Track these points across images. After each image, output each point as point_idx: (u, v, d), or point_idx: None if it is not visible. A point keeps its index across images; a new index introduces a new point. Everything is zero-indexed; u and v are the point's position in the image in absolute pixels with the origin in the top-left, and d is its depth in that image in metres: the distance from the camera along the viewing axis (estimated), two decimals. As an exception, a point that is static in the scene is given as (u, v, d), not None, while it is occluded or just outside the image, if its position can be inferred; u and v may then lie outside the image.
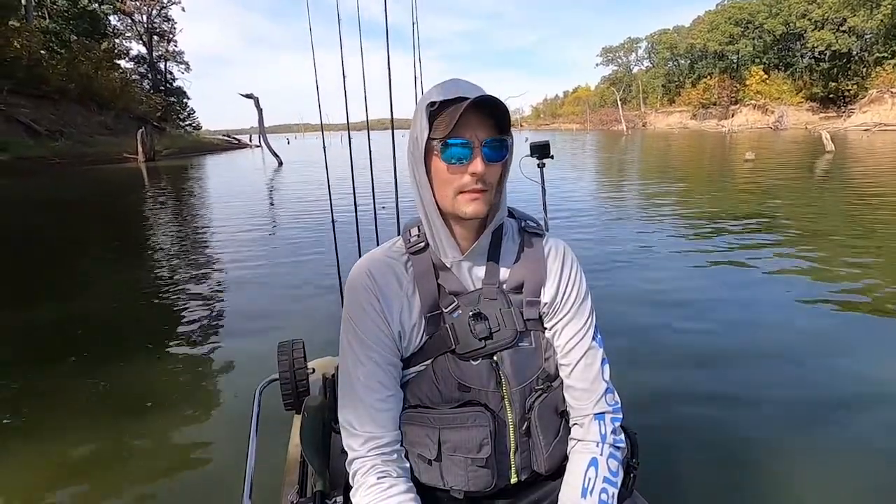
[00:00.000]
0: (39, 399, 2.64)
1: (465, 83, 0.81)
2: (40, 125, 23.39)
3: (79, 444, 2.24)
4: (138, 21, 46.62)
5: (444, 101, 0.79)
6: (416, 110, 0.84)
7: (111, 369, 2.92)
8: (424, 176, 0.82)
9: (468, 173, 0.79)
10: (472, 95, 0.76)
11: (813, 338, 3.11)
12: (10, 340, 3.47)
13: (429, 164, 0.82)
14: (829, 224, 6.56)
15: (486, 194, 0.81)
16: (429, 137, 0.80)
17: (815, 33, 51.90)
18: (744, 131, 45.55)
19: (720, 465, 1.98)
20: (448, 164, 0.79)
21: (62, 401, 2.61)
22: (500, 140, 0.80)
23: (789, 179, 11.40)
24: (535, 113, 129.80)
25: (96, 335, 3.53)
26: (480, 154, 0.78)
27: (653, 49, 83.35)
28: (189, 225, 8.14)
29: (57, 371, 2.94)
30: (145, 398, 2.60)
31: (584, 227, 6.69)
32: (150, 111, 37.27)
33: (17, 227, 8.29)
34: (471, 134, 0.78)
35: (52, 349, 3.27)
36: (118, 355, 3.13)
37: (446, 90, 0.80)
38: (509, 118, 0.81)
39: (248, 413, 1.37)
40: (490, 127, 0.79)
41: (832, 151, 17.52)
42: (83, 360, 3.07)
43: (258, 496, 1.08)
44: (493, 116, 0.79)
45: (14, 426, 2.40)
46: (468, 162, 0.78)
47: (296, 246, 6.06)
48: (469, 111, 0.77)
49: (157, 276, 5.09)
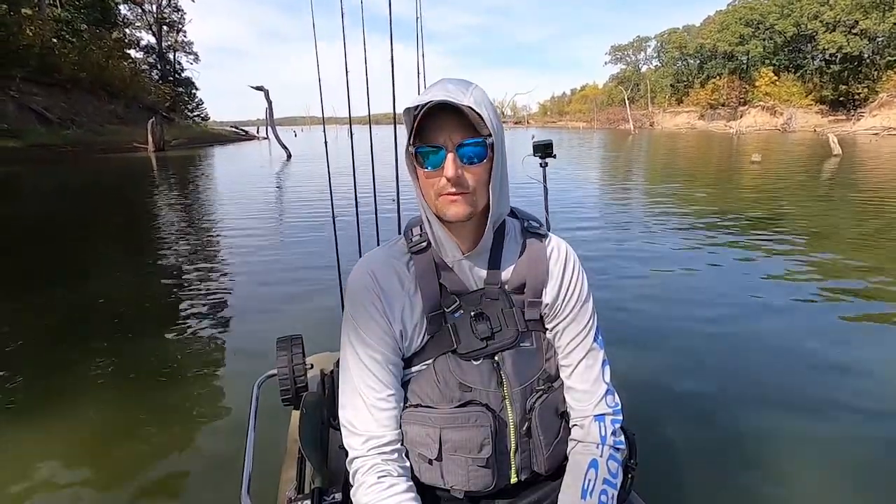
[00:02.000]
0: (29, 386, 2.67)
1: (452, 82, 0.79)
2: (52, 113, 23.64)
3: (76, 439, 2.24)
4: (148, 11, 46.77)
5: (423, 105, 0.77)
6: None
7: (109, 360, 2.96)
8: (415, 179, 0.85)
9: (443, 176, 0.78)
10: (440, 98, 0.75)
11: (815, 340, 3.13)
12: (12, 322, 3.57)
13: (417, 168, 0.84)
14: (831, 226, 6.63)
15: (465, 196, 0.80)
16: (408, 143, 0.82)
17: (826, 35, 51.44)
18: (752, 133, 45.34)
19: (718, 466, 2.00)
20: (425, 169, 0.80)
21: (53, 390, 2.64)
22: (477, 140, 0.78)
23: (795, 182, 11.44)
24: (542, 110, 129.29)
25: (97, 323, 3.58)
26: (455, 157, 0.77)
27: (662, 48, 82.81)
28: (195, 217, 8.21)
29: (44, 361, 2.97)
30: (144, 391, 2.61)
31: (586, 227, 6.74)
32: (158, 101, 37.46)
33: (33, 214, 8.47)
34: (444, 138, 0.78)
35: (38, 339, 3.31)
36: (116, 346, 3.15)
37: (423, 94, 0.79)
38: (493, 117, 0.79)
39: (246, 408, 1.38)
40: (465, 129, 0.78)
41: (839, 155, 17.50)
42: (81, 349, 3.11)
43: (256, 491, 1.07)
44: (469, 118, 0.77)
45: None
46: (443, 166, 0.78)
47: (296, 241, 6.09)
48: (444, 114, 0.76)
49: (160, 266, 5.17)
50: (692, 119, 65.63)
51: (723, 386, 2.62)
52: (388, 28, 1.91)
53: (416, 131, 0.79)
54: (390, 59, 1.95)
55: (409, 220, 0.93)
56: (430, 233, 0.87)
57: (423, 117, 0.77)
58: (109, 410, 2.47)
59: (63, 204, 9.63)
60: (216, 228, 7.18)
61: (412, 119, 0.79)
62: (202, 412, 2.47)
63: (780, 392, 2.53)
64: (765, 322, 3.45)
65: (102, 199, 10.57)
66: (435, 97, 0.76)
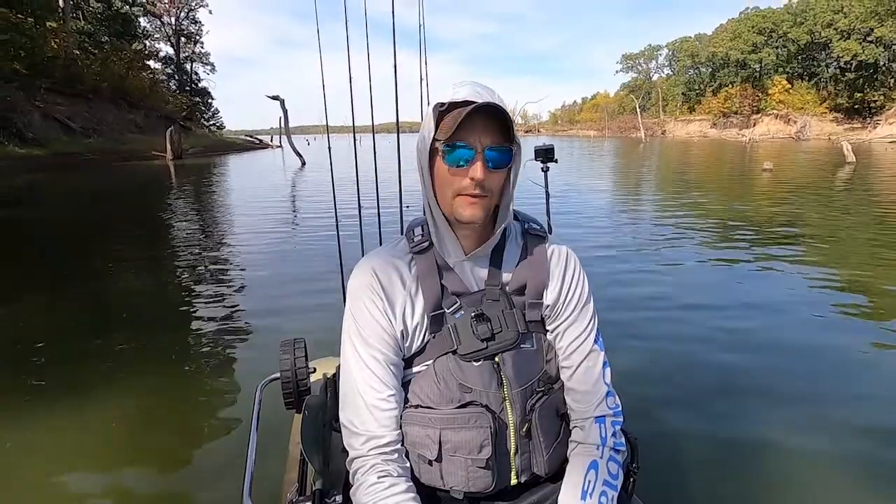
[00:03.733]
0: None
1: (480, 86, 0.82)
2: (75, 122, 24.36)
3: (76, 438, 2.24)
4: (167, 23, 48.10)
5: (453, 104, 0.80)
6: (428, 110, 0.85)
7: (112, 361, 2.99)
8: (429, 176, 0.85)
9: (468, 177, 0.79)
10: (480, 100, 0.77)
11: (819, 346, 3.11)
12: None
13: (433, 165, 0.84)
14: (841, 234, 6.64)
15: (484, 200, 0.82)
16: (433, 138, 0.82)
17: (840, 43, 51.05)
18: (765, 141, 45.01)
19: (721, 471, 1.99)
20: (449, 167, 0.81)
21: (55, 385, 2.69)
22: (504, 148, 0.80)
23: (806, 190, 11.42)
24: (553, 119, 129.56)
25: (108, 321, 3.68)
26: (482, 159, 0.79)
27: (673, 56, 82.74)
28: (209, 222, 8.40)
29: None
30: (145, 394, 2.63)
31: (589, 231, 6.78)
32: (176, 110, 38.35)
33: (58, 218, 8.80)
34: (475, 139, 0.79)
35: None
36: (120, 348, 3.18)
37: (457, 92, 0.81)
38: (513, 128, 0.81)
39: (248, 411, 1.38)
40: (495, 134, 0.80)
41: (853, 163, 17.39)
42: (91, 347, 3.18)
43: (258, 494, 1.08)
44: (499, 124, 0.80)
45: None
46: (469, 166, 0.79)
47: (304, 245, 6.19)
48: (475, 116, 0.77)
49: (174, 268, 5.32)
50: (704, 127, 65.30)
51: (728, 390, 2.59)
52: (392, 31, 1.91)
53: (442, 128, 0.81)
54: (393, 65, 1.97)
55: (411, 221, 0.95)
56: (432, 233, 0.88)
57: (454, 115, 0.79)
58: (110, 409, 2.47)
59: (87, 209, 9.96)
60: (229, 232, 7.33)
61: (438, 115, 0.81)
62: (205, 415, 2.48)
63: (786, 397, 2.51)
64: (769, 326, 3.45)
65: (124, 204, 10.90)
66: (472, 97, 0.78)
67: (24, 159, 18.72)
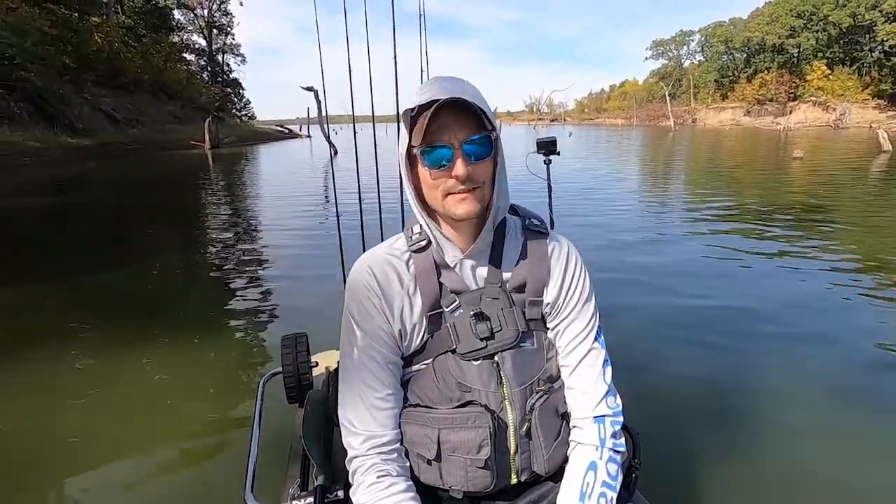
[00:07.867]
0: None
1: (446, 81, 0.80)
2: (119, 113, 25.66)
3: (77, 434, 2.24)
4: (200, 15, 49.46)
5: (423, 106, 0.77)
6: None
7: (113, 354, 3.01)
8: (409, 182, 0.84)
9: (452, 176, 0.78)
10: (445, 96, 0.75)
11: (827, 339, 3.05)
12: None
13: (416, 172, 0.83)
14: (867, 224, 6.54)
15: (475, 192, 0.81)
16: (409, 145, 0.81)
17: (885, 26, 48.63)
18: (801, 129, 43.57)
19: (725, 466, 1.95)
20: (431, 170, 0.80)
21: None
22: (482, 138, 0.79)
23: (836, 178, 11.30)
24: (580, 107, 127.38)
25: (128, 306, 3.79)
26: (462, 155, 0.78)
27: (706, 42, 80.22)
28: (236, 211, 8.55)
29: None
30: (149, 387, 2.64)
31: (593, 225, 6.62)
32: (209, 101, 39.64)
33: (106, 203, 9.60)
34: (449, 136, 0.78)
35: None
36: (125, 339, 3.20)
37: (422, 94, 0.79)
38: (489, 113, 0.80)
39: (251, 405, 1.42)
40: (470, 126, 0.78)
41: (889, 151, 16.94)
42: (89, 345, 3.18)
43: (260, 488, 1.09)
44: (472, 114, 0.78)
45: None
46: (450, 164, 0.78)
47: (305, 239, 6.17)
48: (445, 112, 0.76)
49: (200, 255, 5.53)
50: (737, 115, 63.39)
51: (734, 385, 2.55)
52: (391, 23, 1.90)
53: (415, 133, 0.80)
54: (393, 56, 1.96)
55: (411, 217, 0.92)
56: (428, 232, 0.88)
57: (422, 118, 0.77)
58: (111, 404, 2.49)
59: (133, 195, 10.68)
60: (253, 226, 7.36)
61: (410, 120, 0.80)
62: (207, 409, 2.47)
63: (794, 392, 2.48)
64: (778, 320, 3.36)
65: (167, 190, 11.60)
66: (437, 96, 0.76)
67: (75, 149, 19.97)
